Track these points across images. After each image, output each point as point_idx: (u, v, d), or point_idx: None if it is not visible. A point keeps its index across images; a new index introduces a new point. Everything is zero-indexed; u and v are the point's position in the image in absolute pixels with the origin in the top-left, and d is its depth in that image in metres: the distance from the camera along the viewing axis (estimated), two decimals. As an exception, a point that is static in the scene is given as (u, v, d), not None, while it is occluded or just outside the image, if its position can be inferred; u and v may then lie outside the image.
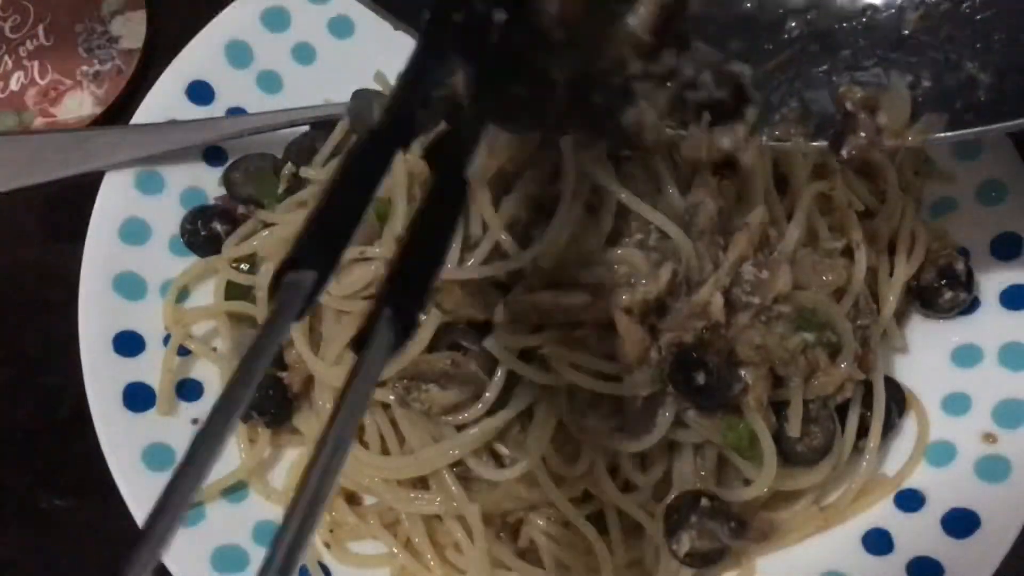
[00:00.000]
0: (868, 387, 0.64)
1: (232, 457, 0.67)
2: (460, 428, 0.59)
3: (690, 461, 0.60)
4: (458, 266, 0.59)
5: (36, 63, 0.84)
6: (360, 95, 0.72)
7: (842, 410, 0.63)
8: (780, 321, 0.60)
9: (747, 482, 0.61)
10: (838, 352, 0.61)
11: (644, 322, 0.57)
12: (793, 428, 0.60)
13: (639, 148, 0.56)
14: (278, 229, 0.69)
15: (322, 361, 0.64)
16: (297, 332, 0.65)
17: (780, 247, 0.61)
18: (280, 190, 0.72)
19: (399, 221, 0.63)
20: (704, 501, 0.59)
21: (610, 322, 0.57)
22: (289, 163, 0.73)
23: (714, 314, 0.57)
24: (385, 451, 0.63)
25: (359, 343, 0.31)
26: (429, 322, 0.60)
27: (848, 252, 0.64)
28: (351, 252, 0.64)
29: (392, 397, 0.61)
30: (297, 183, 0.72)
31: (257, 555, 0.63)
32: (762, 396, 0.59)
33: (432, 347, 0.59)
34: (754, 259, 0.60)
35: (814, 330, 0.60)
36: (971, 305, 0.68)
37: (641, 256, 0.58)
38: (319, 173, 0.70)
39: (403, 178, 0.64)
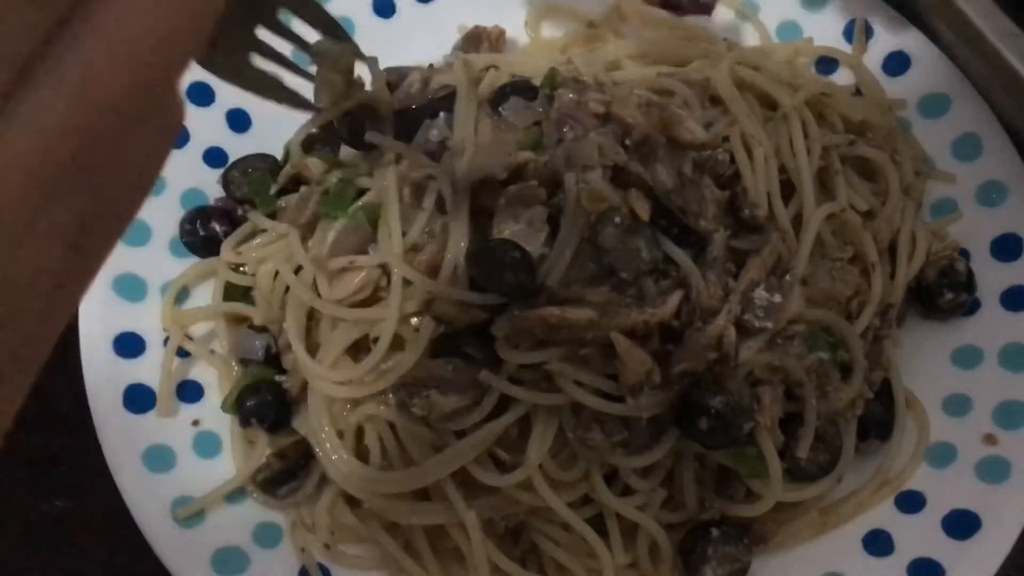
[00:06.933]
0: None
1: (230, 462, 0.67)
2: (460, 434, 0.60)
3: (692, 469, 0.61)
4: (451, 280, 0.59)
5: (36, 64, 0.84)
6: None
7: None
8: (795, 341, 0.60)
9: (750, 492, 0.62)
10: (849, 369, 0.62)
11: (646, 346, 0.57)
12: (802, 451, 0.61)
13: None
14: (271, 234, 0.69)
15: (319, 365, 0.64)
16: (295, 338, 0.65)
17: (791, 270, 0.61)
18: (273, 191, 0.72)
19: (392, 225, 0.63)
20: (714, 531, 0.60)
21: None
22: (289, 164, 0.72)
23: (726, 346, 0.57)
24: (385, 457, 0.63)
25: None
26: (424, 330, 0.60)
27: (854, 259, 0.65)
28: (341, 261, 0.64)
29: (393, 402, 0.61)
30: (292, 184, 0.72)
31: (258, 557, 0.63)
32: (775, 416, 0.59)
33: (433, 353, 0.60)
34: (766, 283, 0.60)
35: (828, 349, 0.61)
36: (971, 306, 0.68)
37: (650, 281, 0.58)
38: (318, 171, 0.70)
39: (393, 183, 0.64)
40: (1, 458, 0.73)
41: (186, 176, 0.73)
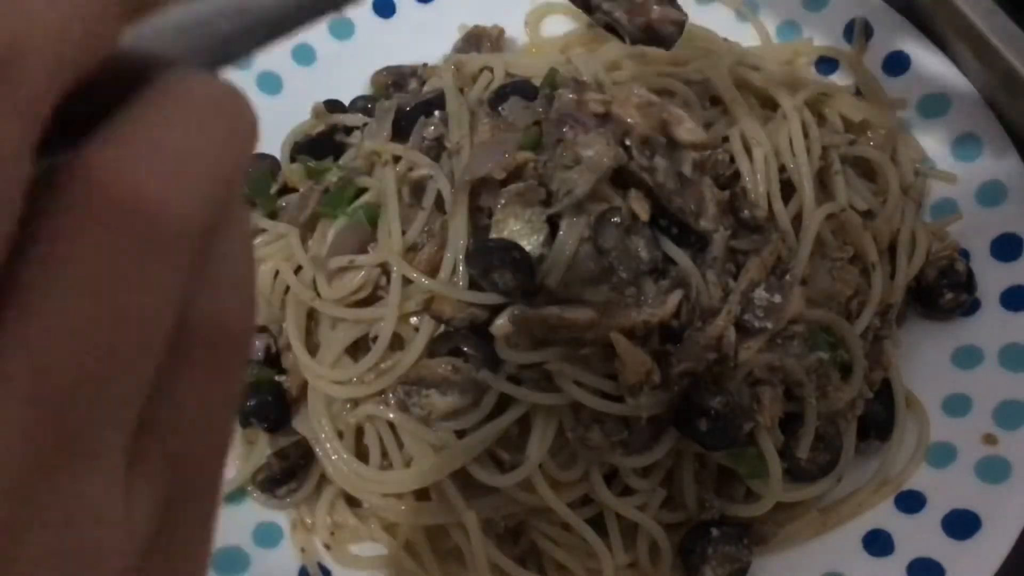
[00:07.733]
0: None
1: (230, 462, 0.66)
2: (460, 434, 0.59)
3: (691, 469, 0.61)
4: (450, 279, 0.59)
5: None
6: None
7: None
8: (795, 341, 0.60)
9: (750, 492, 0.62)
10: (849, 369, 0.62)
11: (646, 346, 0.57)
12: (802, 451, 0.61)
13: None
14: (271, 234, 0.69)
15: (319, 365, 0.64)
16: (295, 337, 0.65)
17: (791, 270, 0.61)
18: (273, 191, 0.72)
19: (392, 224, 0.63)
20: (714, 531, 0.60)
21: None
22: (295, 162, 0.72)
23: (726, 346, 0.57)
24: (385, 456, 0.63)
25: None
26: (424, 329, 0.60)
27: (854, 259, 0.65)
28: (341, 260, 0.64)
29: (392, 402, 0.61)
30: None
31: (258, 557, 0.63)
32: (775, 416, 0.59)
33: (433, 352, 0.60)
34: (766, 283, 0.60)
35: (828, 349, 0.61)
36: (971, 306, 0.68)
37: (650, 281, 0.58)
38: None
39: (392, 183, 0.64)
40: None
41: (186, 176, 0.73)
